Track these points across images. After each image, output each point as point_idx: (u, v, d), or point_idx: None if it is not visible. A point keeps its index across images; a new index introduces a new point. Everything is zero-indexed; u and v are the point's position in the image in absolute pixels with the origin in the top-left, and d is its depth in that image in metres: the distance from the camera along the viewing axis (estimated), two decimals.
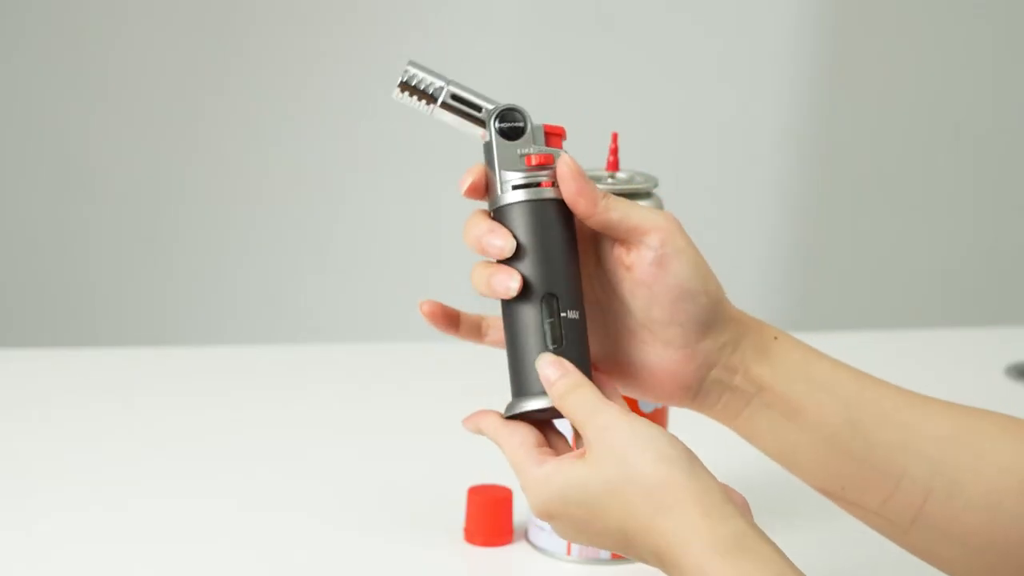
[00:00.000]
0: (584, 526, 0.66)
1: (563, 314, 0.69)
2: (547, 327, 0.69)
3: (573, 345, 0.69)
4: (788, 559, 0.62)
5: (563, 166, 0.69)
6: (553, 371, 0.68)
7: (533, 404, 0.69)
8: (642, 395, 0.73)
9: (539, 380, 0.68)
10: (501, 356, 0.73)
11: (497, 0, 2.13)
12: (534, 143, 0.70)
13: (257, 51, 2.14)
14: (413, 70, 0.71)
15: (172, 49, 2.15)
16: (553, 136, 0.70)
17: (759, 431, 0.72)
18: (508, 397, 0.72)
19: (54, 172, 2.17)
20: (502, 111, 0.71)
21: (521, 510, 0.93)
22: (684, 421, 0.91)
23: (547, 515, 0.67)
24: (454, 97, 0.71)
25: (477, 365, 1.25)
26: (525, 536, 0.93)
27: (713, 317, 0.70)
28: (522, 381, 0.70)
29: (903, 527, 0.71)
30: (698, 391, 0.72)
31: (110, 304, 2.17)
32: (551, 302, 0.69)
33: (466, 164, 0.71)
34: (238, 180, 2.16)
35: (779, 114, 2.11)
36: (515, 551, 0.92)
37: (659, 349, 0.71)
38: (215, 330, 2.14)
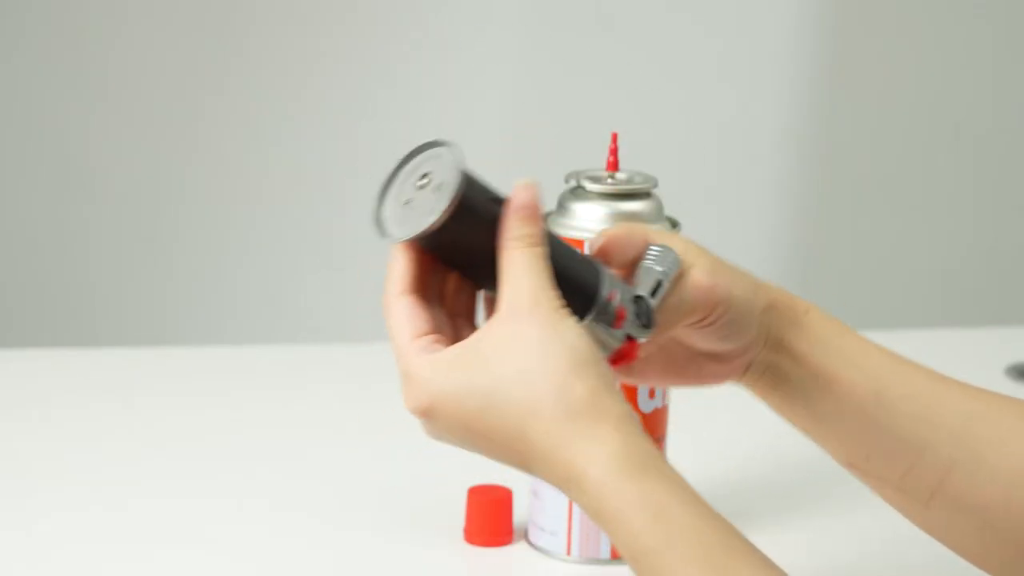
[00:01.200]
0: (476, 415, 0.63)
1: None
2: None
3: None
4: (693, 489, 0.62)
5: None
6: (523, 201, 0.65)
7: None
8: (686, 385, 0.75)
9: None
10: None
11: (497, 0, 2.13)
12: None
13: (257, 51, 2.14)
14: None
15: (172, 49, 2.15)
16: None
17: (794, 402, 0.73)
18: None
19: (54, 172, 2.16)
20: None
21: (521, 511, 0.93)
22: (684, 422, 0.92)
23: (429, 401, 0.64)
24: None
25: None
26: (525, 536, 0.93)
27: (747, 317, 0.71)
28: None
29: (923, 500, 0.72)
30: (744, 373, 0.74)
31: (110, 304, 2.17)
32: None
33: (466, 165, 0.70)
34: (238, 180, 2.16)
35: (779, 114, 2.11)
36: (515, 551, 0.92)
37: (706, 362, 0.73)
38: (215, 330, 2.14)
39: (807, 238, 2.14)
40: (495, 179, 0.67)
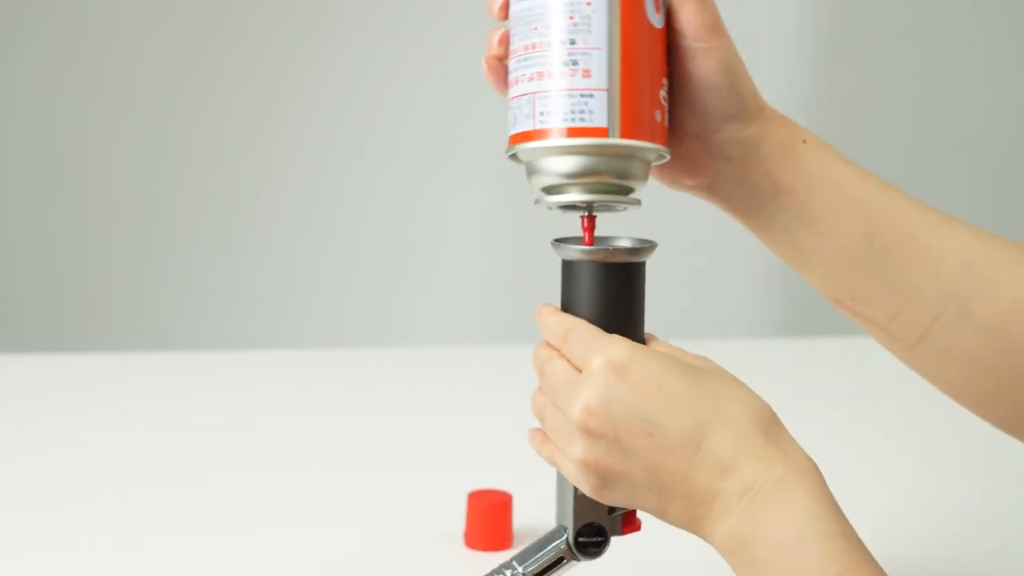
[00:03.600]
0: (676, 378, 0.60)
1: None
2: None
3: None
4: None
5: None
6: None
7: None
8: (658, 177, 0.72)
9: None
10: (503, 361, 0.73)
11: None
12: None
13: (258, 53, 2.14)
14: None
15: (171, 56, 2.15)
16: None
17: (773, 232, 0.70)
18: (508, 403, 0.71)
19: (52, 176, 2.16)
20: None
21: (520, 515, 0.93)
22: None
23: (630, 355, 0.61)
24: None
25: (478, 371, 1.25)
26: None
27: (735, 112, 0.68)
28: None
29: (909, 344, 0.70)
30: (712, 183, 0.70)
31: (109, 308, 2.17)
32: None
33: (465, 170, 0.70)
34: (236, 190, 2.16)
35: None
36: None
37: (679, 135, 0.69)
38: (213, 336, 2.14)
39: None
40: (495, 178, 0.67)
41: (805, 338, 0.79)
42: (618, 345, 0.61)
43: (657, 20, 0.65)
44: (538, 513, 0.95)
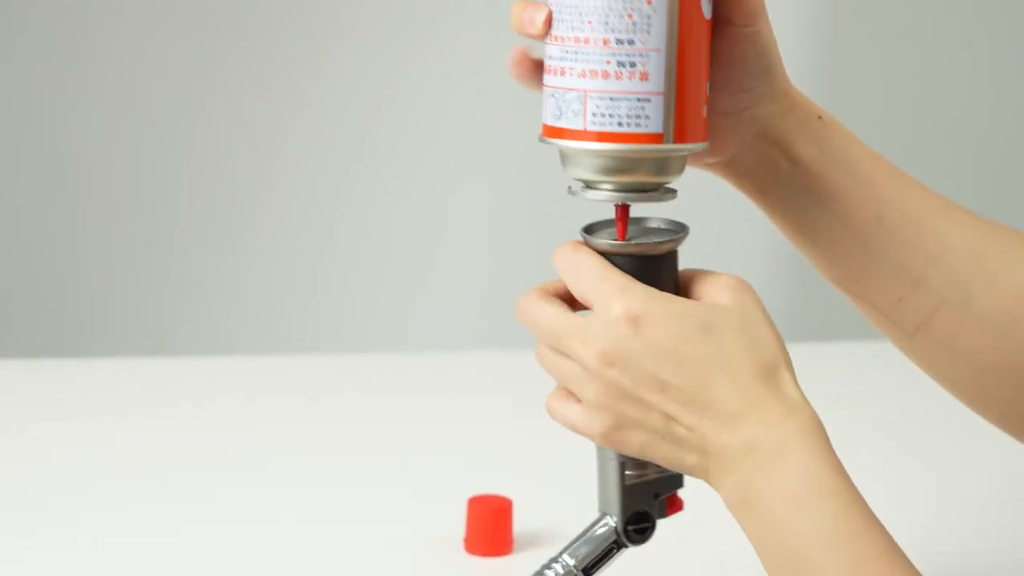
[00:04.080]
0: (692, 337, 0.60)
1: None
2: None
3: None
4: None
5: None
6: None
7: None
8: None
9: None
10: (503, 365, 0.73)
11: (498, 0, 2.12)
12: None
13: (258, 54, 2.14)
14: None
15: (171, 56, 2.14)
16: None
17: (784, 208, 0.70)
18: (508, 407, 0.71)
19: (51, 178, 2.16)
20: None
21: (521, 520, 0.93)
22: None
23: (642, 308, 0.61)
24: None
25: (478, 375, 1.25)
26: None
27: (767, 90, 0.68)
28: None
29: (908, 331, 0.70)
30: (732, 159, 0.69)
31: (107, 313, 2.16)
32: None
33: (464, 176, 0.70)
34: (236, 191, 2.16)
35: None
36: (515, 561, 0.92)
37: (710, 115, 0.67)
38: (213, 341, 2.14)
39: None
40: (495, 178, 0.66)
41: (807, 343, 0.79)
42: (635, 294, 0.61)
43: (708, 11, 0.64)
44: (538, 518, 0.95)
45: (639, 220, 0.67)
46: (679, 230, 0.66)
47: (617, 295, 0.61)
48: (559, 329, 0.63)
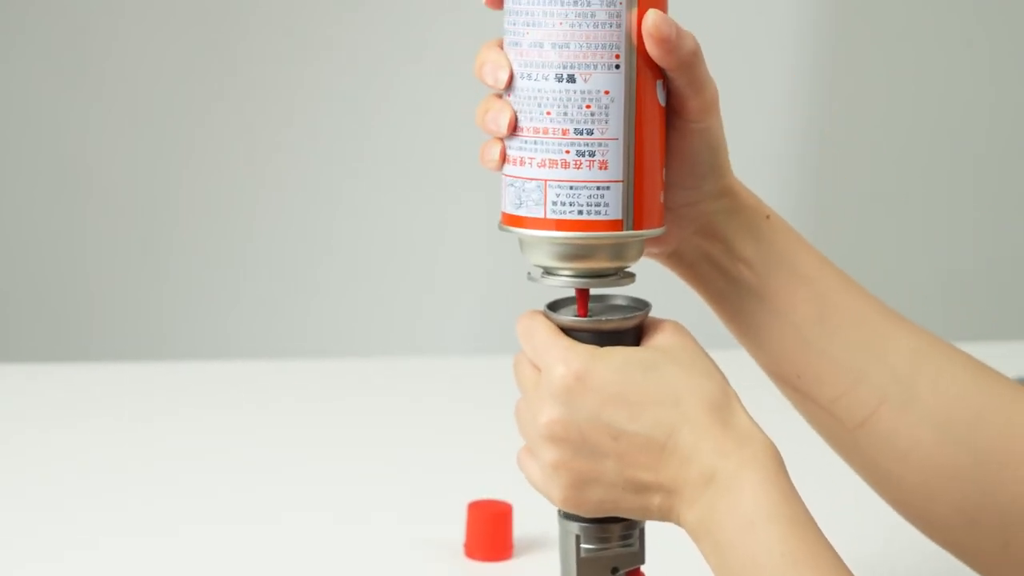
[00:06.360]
0: (636, 381, 0.62)
1: None
2: None
3: None
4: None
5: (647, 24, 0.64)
6: None
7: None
8: None
9: None
10: (503, 369, 0.73)
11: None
12: None
13: (259, 61, 2.14)
14: None
15: (171, 56, 2.14)
16: None
17: (726, 304, 0.71)
18: (508, 412, 0.71)
19: (51, 179, 2.16)
20: None
21: (521, 525, 0.93)
22: None
23: (584, 366, 0.62)
24: None
25: (478, 379, 1.25)
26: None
27: (711, 187, 0.69)
28: None
29: (851, 427, 0.70)
30: (675, 251, 0.70)
31: (107, 316, 2.16)
32: None
33: (466, 180, 0.70)
34: (236, 197, 2.16)
35: (779, 117, 2.11)
36: (515, 566, 0.92)
37: None
38: (213, 345, 2.14)
39: None
40: (497, 182, 0.67)
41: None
42: (576, 353, 0.63)
43: (663, 97, 0.65)
44: (539, 523, 0.95)
45: (603, 297, 0.68)
46: (641, 307, 0.67)
47: (561, 355, 0.63)
48: (529, 392, 0.65)
